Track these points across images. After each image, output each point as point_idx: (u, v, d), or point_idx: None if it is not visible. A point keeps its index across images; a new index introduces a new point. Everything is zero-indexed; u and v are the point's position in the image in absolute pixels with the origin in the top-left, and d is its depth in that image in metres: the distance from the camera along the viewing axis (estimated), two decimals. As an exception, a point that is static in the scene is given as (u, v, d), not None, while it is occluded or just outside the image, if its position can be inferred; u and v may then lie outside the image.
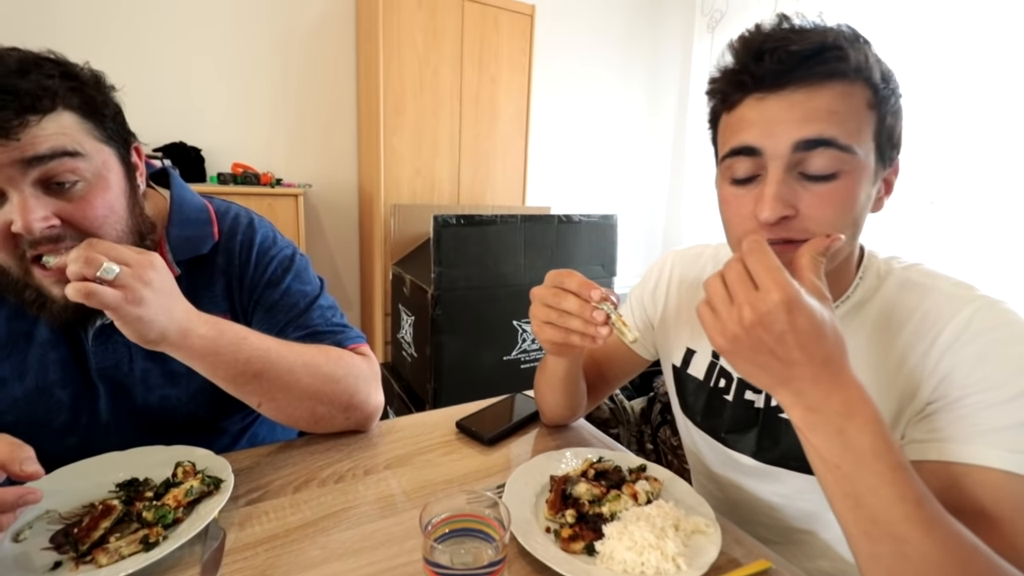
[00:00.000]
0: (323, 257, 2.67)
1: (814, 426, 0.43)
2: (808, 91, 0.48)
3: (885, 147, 0.51)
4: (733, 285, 0.43)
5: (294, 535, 0.55)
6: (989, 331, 0.48)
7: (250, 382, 0.64)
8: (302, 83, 2.46)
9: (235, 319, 0.75)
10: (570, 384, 0.72)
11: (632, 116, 3.44)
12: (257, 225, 0.78)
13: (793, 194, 0.49)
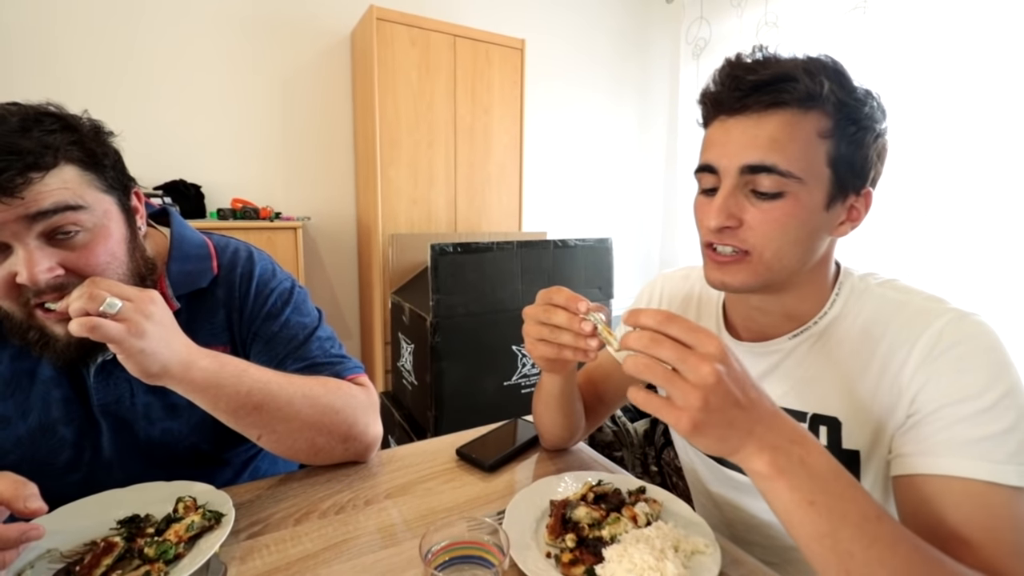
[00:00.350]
0: (322, 288, 2.69)
1: (783, 467, 0.42)
2: (758, 118, 0.52)
3: (846, 175, 0.53)
4: (673, 357, 0.41)
5: (295, 568, 0.55)
6: (961, 343, 0.49)
7: (251, 414, 0.64)
8: (300, 119, 2.52)
9: (235, 351, 0.76)
10: (566, 403, 0.72)
11: (624, 138, 3.50)
12: (256, 258, 0.80)
13: (740, 207, 0.54)
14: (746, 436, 0.42)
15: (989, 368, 0.48)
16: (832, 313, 0.59)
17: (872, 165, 0.55)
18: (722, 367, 0.40)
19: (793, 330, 0.61)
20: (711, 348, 0.41)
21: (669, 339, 0.42)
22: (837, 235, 0.57)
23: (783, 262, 0.54)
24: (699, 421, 0.40)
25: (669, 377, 0.41)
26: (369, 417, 0.76)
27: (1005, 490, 0.44)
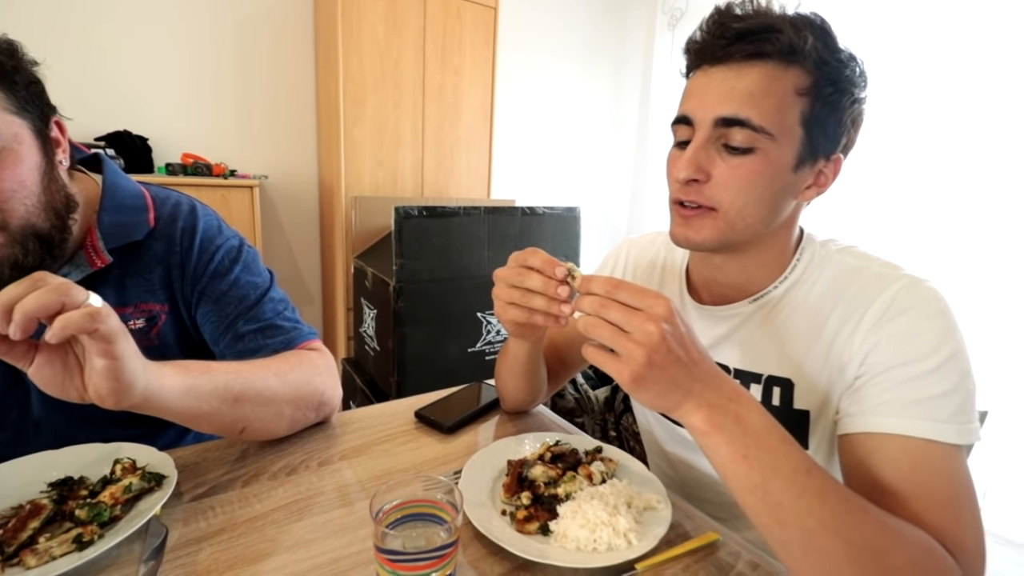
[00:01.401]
0: (282, 251, 2.60)
1: (719, 424, 0.43)
2: (739, 68, 0.51)
3: (818, 138, 0.53)
4: (621, 318, 0.42)
5: (242, 529, 0.53)
6: (912, 308, 0.51)
7: (233, 407, 0.60)
8: (257, 71, 2.38)
9: (174, 311, 0.72)
10: (531, 369, 0.72)
11: (597, 109, 3.47)
12: (200, 212, 0.75)
13: (710, 161, 0.53)
14: (686, 393, 0.44)
15: (936, 332, 0.49)
16: (792, 278, 0.60)
17: (845, 131, 0.54)
18: (667, 326, 0.42)
19: (754, 294, 0.62)
20: (658, 309, 0.42)
21: (617, 303, 0.43)
22: (803, 199, 0.57)
23: (747, 220, 0.54)
24: (641, 376, 0.42)
25: (615, 335, 0.42)
26: (334, 381, 0.75)
27: (943, 447, 0.46)
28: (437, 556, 0.42)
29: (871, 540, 0.40)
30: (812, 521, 0.40)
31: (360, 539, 0.52)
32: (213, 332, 0.73)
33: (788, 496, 0.41)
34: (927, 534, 0.43)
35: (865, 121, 0.56)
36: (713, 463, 0.45)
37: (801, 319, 0.58)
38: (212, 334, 0.73)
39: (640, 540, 0.50)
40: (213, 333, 0.73)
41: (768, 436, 0.43)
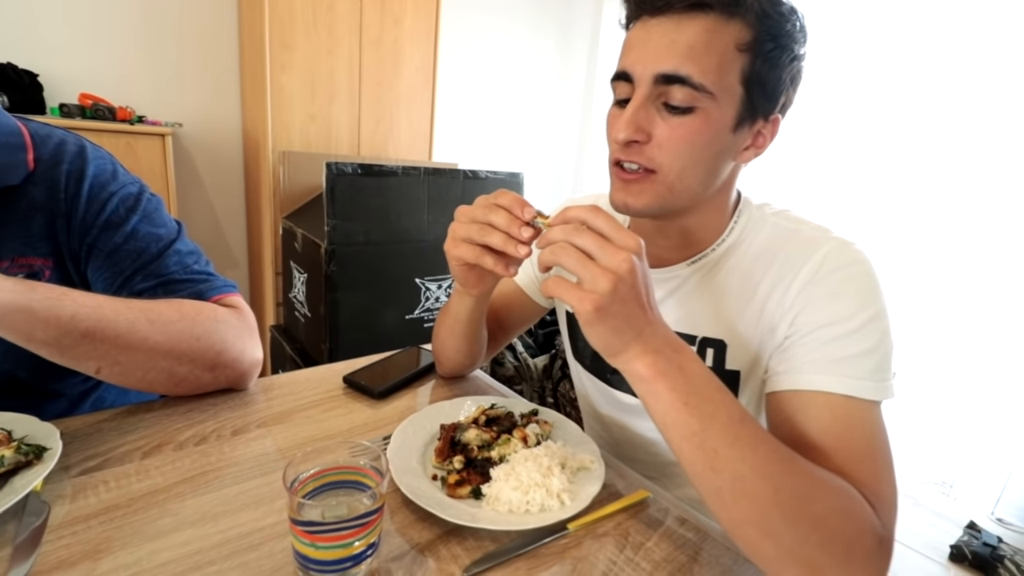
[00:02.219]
0: (201, 209, 2.39)
1: (663, 369, 0.43)
2: (679, 20, 0.49)
3: (758, 97, 0.52)
4: (591, 245, 0.42)
5: (139, 503, 0.48)
6: (839, 269, 0.52)
7: (79, 344, 0.54)
8: (170, 3, 2.12)
9: (60, 267, 0.63)
10: (472, 329, 0.69)
11: (543, 70, 3.39)
12: (91, 154, 0.65)
13: (650, 121, 0.51)
14: (636, 335, 0.43)
15: (860, 293, 0.51)
16: (729, 240, 0.60)
17: (784, 89, 0.53)
18: (636, 260, 0.41)
19: (691, 256, 0.62)
20: (630, 241, 0.42)
21: (590, 230, 0.42)
22: (741, 160, 0.57)
23: (686, 182, 0.53)
24: (603, 306, 0.41)
25: (582, 260, 0.41)
26: (244, 342, 0.67)
27: (862, 403, 0.48)
28: (359, 524, 0.39)
29: (797, 487, 0.41)
30: (744, 467, 0.41)
31: (276, 510, 0.48)
32: (107, 290, 0.64)
33: (723, 443, 0.42)
34: (849, 484, 0.44)
35: (803, 80, 0.55)
36: (653, 412, 0.45)
37: (736, 280, 0.59)
38: (106, 292, 0.64)
39: (573, 500, 0.50)
40: (107, 291, 0.64)
41: (707, 385, 0.44)
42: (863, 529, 0.42)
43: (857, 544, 0.41)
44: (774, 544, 0.41)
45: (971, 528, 1.69)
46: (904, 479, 1.94)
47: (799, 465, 0.43)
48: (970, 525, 1.71)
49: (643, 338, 0.43)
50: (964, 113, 1.85)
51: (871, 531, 0.42)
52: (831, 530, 0.41)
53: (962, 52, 1.83)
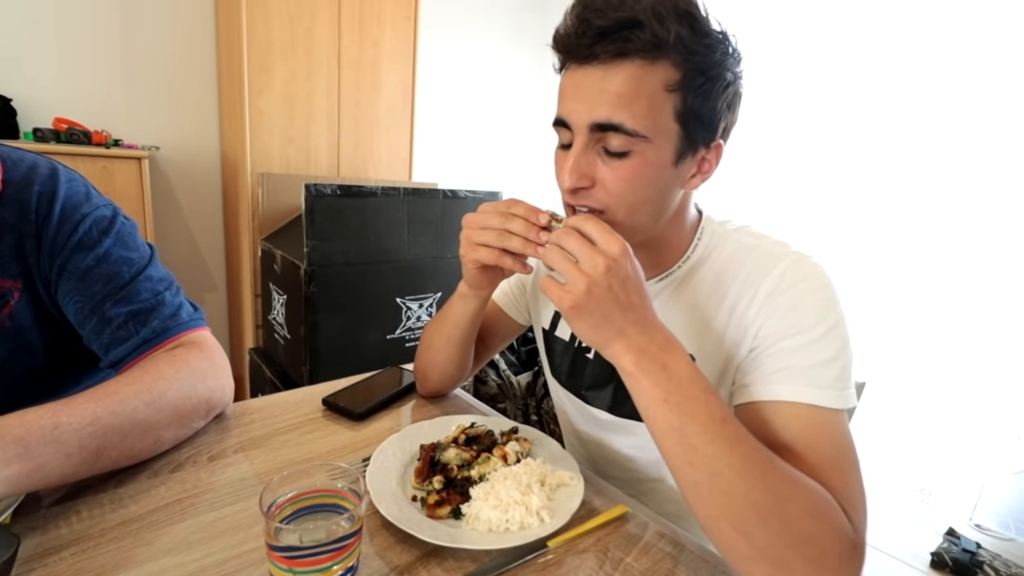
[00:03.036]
0: (179, 232, 2.36)
1: (645, 368, 0.46)
2: (605, 69, 0.49)
3: (695, 129, 0.52)
4: (576, 247, 0.46)
5: (113, 533, 0.47)
6: (797, 282, 0.54)
7: (97, 460, 0.51)
8: (148, 26, 2.12)
9: (30, 287, 0.62)
10: (470, 334, 0.72)
11: (522, 89, 3.43)
12: (63, 177, 0.65)
13: (592, 166, 0.53)
14: (618, 333, 0.47)
15: (819, 305, 0.53)
16: (694, 257, 0.62)
17: (721, 117, 0.54)
18: (614, 264, 0.45)
19: (659, 274, 0.63)
20: (612, 248, 0.46)
21: (579, 234, 0.47)
22: (689, 188, 0.58)
23: (636, 219, 0.55)
24: (579, 304, 0.45)
25: (566, 261, 0.47)
26: (221, 380, 0.67)
27: (826, 411, 0.50)
28: (337, 548, 0.39)
29: (773, 487, 0.43)
30: (720, 465, 0.43)
31: (254, 536, 0.48)
32: (78, 314, 0.63)
33: (701, 440, 0.44)
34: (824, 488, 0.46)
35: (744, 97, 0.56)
36: (638, 404, 0.48)
37: (702, 295, 0.61)
38: (76, 316, 0.64)
39: (552, 517, 0.50)
40: (78, 315, 0.64)
41: (690, 385, 0.46)
42: (837, 532, 0.43)
43: (831, 547, 0.42)
44: (747, 542, 0.42)
45: (950, 535, 1.72)
46: (884, 488, 1.98)
47: (776, 467, 0.44)
48: (949, 532, 1.74)
49: (626, 336, 0.47)
50: (926, 123, 1.93)
51: (845, 535, 0.43)
52: (804, 531, 0.42)
53: (922, 59, 1.92)
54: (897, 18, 1.96)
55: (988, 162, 1.80)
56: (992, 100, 1.77)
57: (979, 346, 1.85)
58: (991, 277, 1.81)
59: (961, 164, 1.85)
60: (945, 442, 1.92)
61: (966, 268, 1.86)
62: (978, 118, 1.81)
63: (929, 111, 1.91)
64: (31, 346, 0.64)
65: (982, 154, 1.81)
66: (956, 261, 1.88)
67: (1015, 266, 1.76)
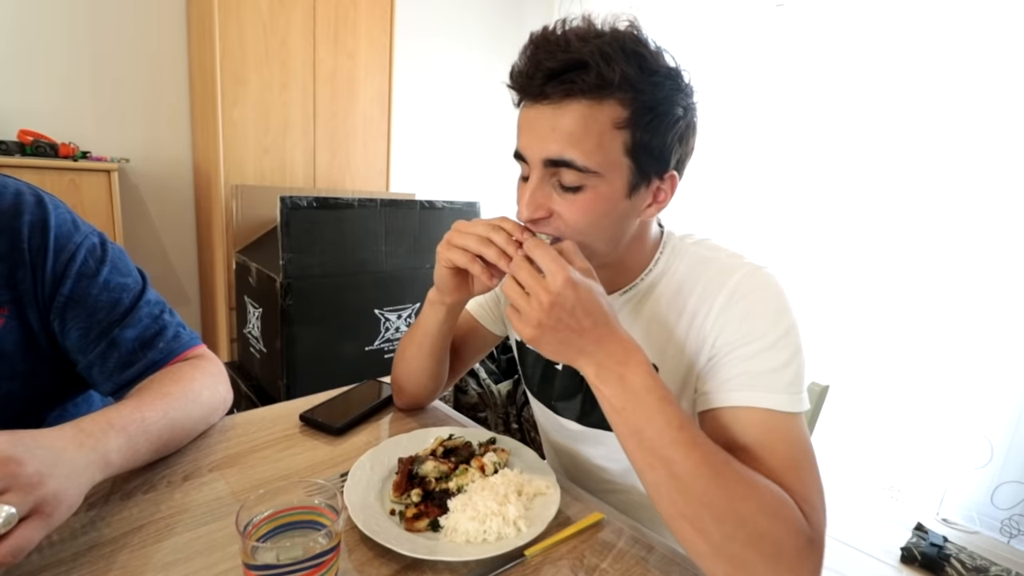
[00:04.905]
0: (150, 245, 2.32)
1: (604, 379, 0.50)
2: (556, 108, 0.52)
3: (646, 163, 0.54)
4: (526, 281, 0.50)
5: (85, 558, 0.46)
6: (751, 292, 0.57)
7: (158, 451, 0.60)
8: (116, 36, 2.09)
9: (18, 314, 0.63)
10: (440, 344, 0.71)
11: (498, 99, 3.45)
12: (49, 205, 0.66)
13: (548, 199, 0.56)
14: (578, 352, 0.50)
15: (771, 313, 0.55)
16: (656, 271, 0.64)
17: (672, 150, 0.55)
18: (561, 296, 0.48)
19: (621, 289, 0.66)
20: (556, 280, 0.48)
21: (528, 265, 0.50)
22: (645, 217, 0.60)
23: (594, 247, 0.57)
24: (534, 336, 0.50)
25: (519, 296, 0.50)
26: (228, 385, 0.74)
27: (781, 415, 0.52)
28: (315, 564, 0.40)
29: (727, 488, 0.45)
30: (677, 468, 0.46)
31: (231, 555, 0.47)
32: (81, 339, 0.65)
33: (658, 444, 0.47)
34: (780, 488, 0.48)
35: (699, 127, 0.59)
36: (603, 410, 0.51)
37: (663, 308, 0.63)
38: (79, 342, 0.65)
39: (529, 527, 0.51)
40: (81, 341, 0.65)
41: (647, 395, 0.48)
42: (792, 529, 0.45)
43: (786, 545, 0.44)
44: (704, 540, 0.45)
45: (919, 529, 1.78)
46: (854, 486, 2.03)
47: (732, 469, 0.46)
48: (918, 527, 1.79)
49: (585, 353, 0.50)
50: (888, 130, 2.01)
51: (800, 532, 0.45)
52: (759, 529, 0.44)
53: (879, 65, 2.01)
54: (860, 26, 2.04)
55: (947, 166, 1.88)
56: (950, 105, 1.86)
57: (941, 347, 1.92)
58: (952, 279, 1.89)
59: (920, 168, 1.93)
60: (911, 440, 1.99)
61: (927, 270, 1.94)
62: (935, 125, 1.89)
63: (887, 117, 1.99)
64: (12, 371, 0.64)
65: (942, 158, 1.89)
66: (917, 264, 1.96)
67: (976, 267, 1.84)
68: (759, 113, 2.32)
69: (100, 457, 0.49)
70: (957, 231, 1.87)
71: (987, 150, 1.79)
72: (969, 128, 1.82)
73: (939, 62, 1.86)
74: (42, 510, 0.41)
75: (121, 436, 0.52)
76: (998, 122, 1.76)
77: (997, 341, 1.80)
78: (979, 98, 1.79)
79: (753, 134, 2.35)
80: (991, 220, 1.80)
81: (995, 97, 1.76)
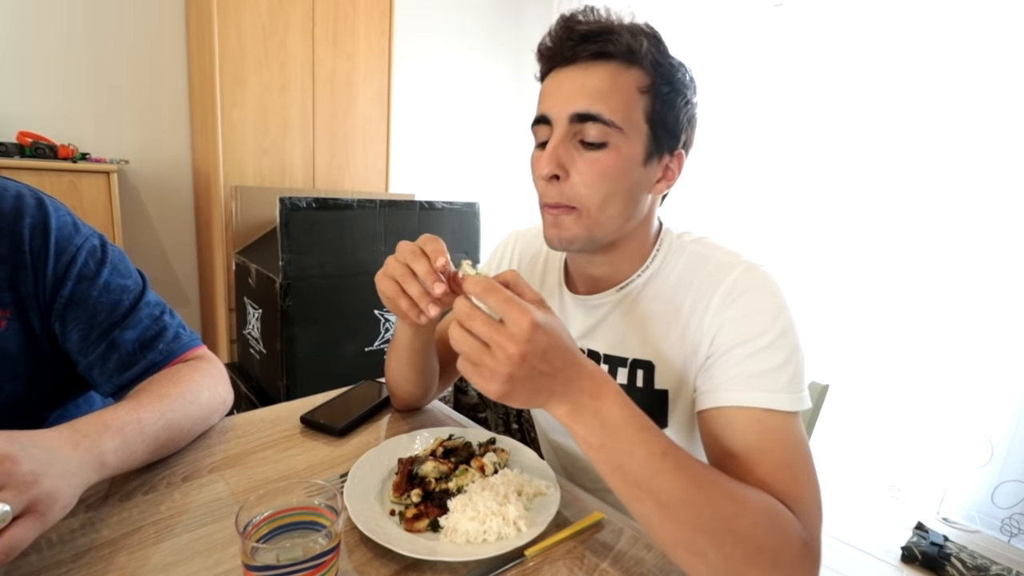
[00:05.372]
0: (150, 247, 2.32)
1: (578, 418, 0.46)
2: (586, 67, 0.56)
3: (661, 134, 0.58)
4: (484, 333, 0.43)
5: (85, 559, 0.46)
6: (748, 290, 0.57)
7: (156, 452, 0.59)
8: (115, 38, 2.09)
9: (21, 315, 0.63)
10: (417, 359, 0.70)
11: (498, 99, 3.46)
12: (50, 207, 0.66)
13: (569, 158, 0.57)
14: (549, 395, 0.46)
15: (769, 312, 0.55)
16: (653, 267, 0.65)
17: (683, 128, 0.60)
18: (528, 345, 0.42)
19: (619, 283, 0.66)
20: (520, 326, 0.42)
21: (482, 316, 0.43)
22: (655, 192, 0.62)
23: (607, 213, 0.58)
24: (504, 393, 0.44)
25: (479, 352, 0.43)
26: (228, 385, 0.74)
27: (779, 415, 0.52)
28: (315, 565, 0.40)
29: (719, 509, 0.44)
30: (665, 497, 0.44)
31: (230, 556, 0.47)
32: (82, 341, 0.65)
33: (643, 477, 0.44)
34: (771, 496, 0.47)
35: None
36: (580, 449, 0.48)
37: (660, 305, 0.63)
38: (80, 343, 0.65)
39: (529, 527, 0.51)
40: (82, 342, 0.65)
41: (624, 427, 0.46)
42: (787, 537, 0.45)
43: (783, 553, 0.44)
44: (703, 562, 0.44)
45: (919, 529, 1.78)
46: (855, 485, 2.03)
47: (721, 487, 0.45)
48: (918, 526, 1.79)
49: (557, 394, 0.46)
50: (884, 128, 2.01)
51: (795, 538, 0.45)
52: (756, 543, 0.44)
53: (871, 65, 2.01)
54: (858, 25, 2.04)
55: (945, 165, 1.88)
56: (948, 104, 1.86)
57: (942, 346, 1.92)
58: (951, 277, 1.89)
59: (919, 167, 1.93)
60: (912, 440, 1.99)
61: (926, 269, 1.94)
62: (933, 124, 1.89)
63: (884, 116, 1.99)
64: (15, 373, 0.65)
65: (940, 157, 1.89)
66: (917, 263, 1.96)
67: (975, 266, 1.84)
68: (757, 112, 2.32)
69: (95, 458, 0.49)
70: (956, 230, 1.87)
71: (986, 149, 1.79)
72: (967, 127, 1.82)
73: (938, 61, 1.86)
74: (36, 509, 0.41)
75: (117, 437, 0.52)
76: (996, 121, 1.76)
77: (997, 340, 1.80)
78: (977, 97, 1.79)
79: (751, 133, 2.35)
80: (990, 219, 1.80)
81: (993, 96, 1.76)
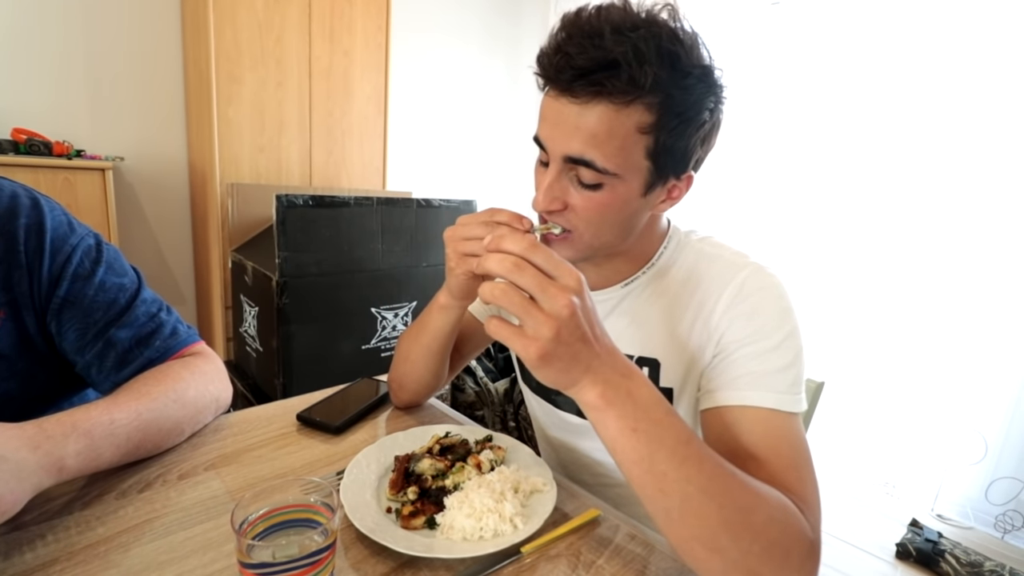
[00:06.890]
0: (145, 245, 2.31)
1: (611, 398, 0.44)
2: (582, 106, 0.50)
3: (666, 163, 0.53)
4: (533, 286, 0.41)
5: (80, 557, 0.46)
6: (756, 291, 0.57)
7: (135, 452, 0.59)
8: (110, 34, 2.07)
9: (15, 316, 0.63)
10: (448, 344, 0.71)
11: (496, 97, 3.45)
12: (45, 207, 0.66)
13: (566, 192, 0.55)
14: (585, 370, 0.43)
15: (776, 314, 0.56)
16: (659, 265, 0.65)
17: (693, 153, 0.55)
18: (577, 300, 0.41)
19: (624, 279, 0.66)
20: (571, 281, 0.41)
21: (532, 266, 0.41)
22: (657, 212, 0.60)
23: (603, 240, 0.57)
24: (548, 352, 0.41)
25: (526, 306, 0.41)
26: (225, 382, 0.74)
27: (784, 415, 0.52)
28: (311, 562, 0.40)
29: (738, 501, 0.43)
30: (691, 488, 0.42)
31: (225, 555, 0.47)
32: (79, 340, 0.65)
33: (671, 466, 0.43)
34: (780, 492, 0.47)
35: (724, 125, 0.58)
36: (603, 437, 0.45)
37: (667, 302, 0.63)
38: (77, 342, 0.65)
39: (526, 524, 0.51)
40: (78, 341, 0.65)
41: (655, 409, 0.44)
42: (798, 535, 0.45)
43: (794, 549, 0.44)
44: (720, 558, 0.43)
45: (914, 525, 1.79)
46: (850, 482, 2.04)
47: (739, 479, 0.45)
48: (913, 523, 1.81)
49: (591, 370, 0.43)
50: (885, 128, 2.01)
51: (805, 535, 0.45)
52: (770, 539, 0.43)
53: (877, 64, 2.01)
54: (856, 24, 2.05)
55: (943, 163, 1.88)
56: (945, 103, 1.86)
57: (936, 344, 1.93)
58: (946, 275, 1.90)
59: (916, 166, 1.94)
60: (906, 436, 2.00)
61: (922, 267, 1.95)
62: (930, 123, 1.90)
63: (882, 114, 1.99)
64: (10, 372, 0.65)
65: (938, 156, 1.89)
66: (912, 260, 1.96)
67: (970, 264, 1.85)
68: (755, 112, 2.32)
69: (53, 462, 0.48)
70: (952, 228, 1.88)
71: (984, 148, 1.80)
72: (965, 126, 1.83)
73: (936, 60, 1.86)
74: None
75: (82, 440, 0.51)
76: (994, 120, 1.77)
77: (991, 337, 1.81)
78: (975, 96, 1.80)
79: (749, 132, 2.35)
80: (986, 217, 1.81)
81: (991, 95, 1.77)
